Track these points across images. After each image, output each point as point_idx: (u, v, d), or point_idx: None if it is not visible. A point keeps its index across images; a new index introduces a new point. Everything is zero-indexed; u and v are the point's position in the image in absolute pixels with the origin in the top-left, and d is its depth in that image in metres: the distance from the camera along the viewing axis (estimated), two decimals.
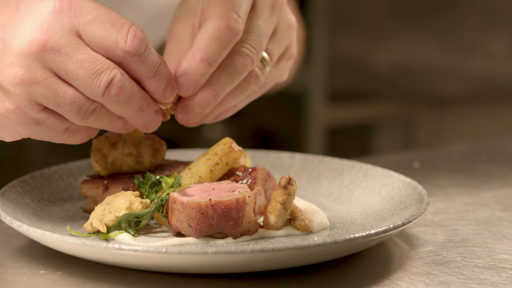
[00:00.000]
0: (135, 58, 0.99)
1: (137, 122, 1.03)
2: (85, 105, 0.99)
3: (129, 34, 0.99)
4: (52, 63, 0.97)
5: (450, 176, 1.40)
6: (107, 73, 0.98)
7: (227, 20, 1.06)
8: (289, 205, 1.03)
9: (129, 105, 1.00)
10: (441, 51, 3.34)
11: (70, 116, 0.99)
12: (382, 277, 0.93)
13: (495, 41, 3.33)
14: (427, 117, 3.47)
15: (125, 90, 0.99)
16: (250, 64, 1.08)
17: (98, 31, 0.98)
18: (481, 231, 1.09)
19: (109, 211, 1.01)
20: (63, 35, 0.97)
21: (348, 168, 1.20)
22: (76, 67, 0.97)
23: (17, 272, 0.93)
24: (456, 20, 3.32)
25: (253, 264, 0.90)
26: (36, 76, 0.97)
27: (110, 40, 0.98)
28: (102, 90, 0.98)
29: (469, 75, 3.35)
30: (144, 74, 1.01)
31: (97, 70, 0.98)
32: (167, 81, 1.03)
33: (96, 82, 0.98)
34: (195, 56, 1.07)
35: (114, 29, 0.99)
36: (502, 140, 1.78)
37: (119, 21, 1.00)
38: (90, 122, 1.00)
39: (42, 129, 1.00)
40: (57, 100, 0.98)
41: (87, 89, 0.98)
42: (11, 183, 1.09)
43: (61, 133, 1.01)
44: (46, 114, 1.00)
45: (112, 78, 0.98)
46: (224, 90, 1.09)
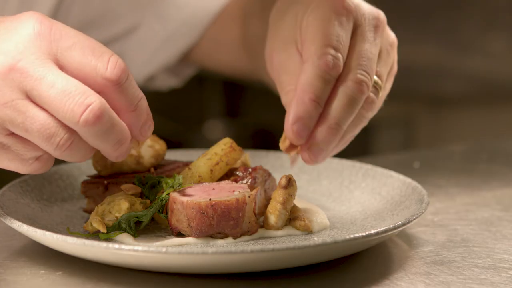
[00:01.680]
0: (115, 88, 0.94)
1: (111, 156, 0.97)
2: (58, 133, 0.92)
3: (109, 62, 0.94)
4: (24, 84, 0.91)
5: (450, 176, 1.40)
6: (83, 96, 0.92)
7: (325, 58, 1.03)
8: (289, 205, 1.03)
9: (107, 137, 0.94)
10: (441, 51, 3.34)
11: (41, 144, 0.93)
12: (382, 277, 0.93)
13: (495, 41, 3.33)
14: (427, 117, 3.47)
15: (104, 120, 0.92)
16: (366, 90, 1.04)
17: (77, 57, 0.93)
18: (481, 231, 1.09)
19: (109, 211, 1.01)
20: (39, 57, 0.92)
21: (348, 168, 1.20)
22: (49, 87, 0.91)
23: (17, 272, 0.93)
24: (456, 20, 3.32)
25: (253, 264, 0.90)
26: (5, 97, 0.91)
27: (90, 67, 0.93)
28: (78, 113, 0.91)
29: (469, 75, 3.35)
30: (124, 107, 0.95)
31: (70, 93, 0.91)
32: (146, 117, 0.98)
33: (70, 105, 0.91)
34: (303, 99, 1.03)
35: (94, 56, 0.94)
36: (502, 140, 1.78)
37: (99, 49, 0.95)
38: (65, 154, 0.94)
39: (7, 155, 0.94)
40: (24, 124, 0.92)
41: (60, 111, 0.91)
42: (11, 183, 1.09)
43: (29, 163, 0.95)
44: (13, 139, 0.94)
45: (90, 103, 0.91)
46: (346, 121, 1.04)
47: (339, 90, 1.04)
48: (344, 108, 1.03)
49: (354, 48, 1.06)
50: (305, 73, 1.03)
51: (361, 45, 1.07)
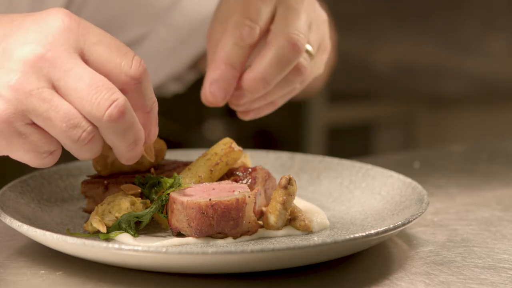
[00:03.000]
0: (136, 87, 0.96)
1: (124, 156, 0.99)
2: (81, 124, 0.94)
3: (134, 61, 0.96)
4: (51, 73, 0.93)
5: (450, 176, 1.40)
6: (109, 92, 0.94)
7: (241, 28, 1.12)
8: (289, 205, 1.03)
9: (126, 135, 0.96)
10: (441, 51, 3.34)
11: (62, 134, 0.94)
12: (382, 277, 0.93)
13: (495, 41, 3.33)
14: (427, 117, 3.47)
15: (126, 117, 0.94)
16: (301, 47, 1.11)
17: (102, 53, 0.95)
18: (481, 231, 1.09)
19: (109, 211, 1.01)
20: (66, 50, 0.94)
21: (348, 168, 1.20)
22: (76, 79, 0.93)
23: (17, 272, 0.93)
24: (456, 20, 3.32)
25: (253, 264, 0.90)
26: (31, 84, 0.93)
27: (114, 63, 0.95)
28: (103, 108, 0.93)
29: (469, 75, 3.36)
30: (141, 107, 0.98)
31: (97, 87, 0.93)
32: (155, 122, 1.01)
33: (97, 99, 0.93)
34: (219, 63, 1.12)
35: (119, 54, 0.96)
36: (502, 140, 1.78)
37: (124, 48, 0.97)
38: (83, 148, 0.95)
39: (24, 145, 0.95)
40: (48, 112, 0.93)
41: (87, 104, 0.93)
42: (11, 183, 1.09)
43: (43, 156, 0.96)
44: (33, 129, 0.94)
45: (115, 99, 0.94)
46: (272, 75, 1.11)
47: (271, 47, 1.11)
48: (272, 63, 1.10)
49: (281, 15, 1.13)
50: (222, 42, 1.12)
51: (289, 12, 1.13)
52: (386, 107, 3.47)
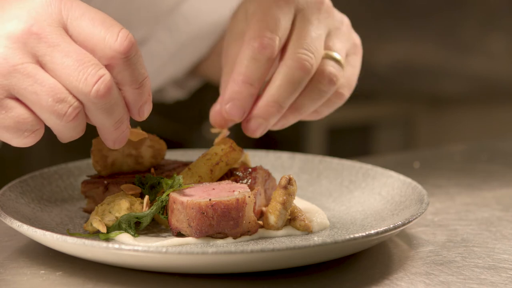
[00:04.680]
0: (123, 61, 0.94)
1: (110, 136, 0.97)
2: (68, 99, 0.92)
3: (120, 34, 0.94)
4: (36, 49, 0.92)
5: (450, 176, 1.40)
6: (95, 68, 0.92)
7: (261, 40, 1.07)
8: (289, 205, 1.03)
9: (112, 113, 0.94)
10: (441, 51, 3.34)
11: (48, 109, 0.92)
12: (382, 277, 0.93)
13: (495, 41, 3.33)
14: (427, 117, 3.47)
15: (112, 94, 0.93)
16: (309, 67, 1.08)
17: (86, 27, 0.93)
18: (481, 231, 1.09)
19: (109, 211, 1.01)
20: (51, 24, 0.92)
21: (348, 168, 1.20)
22: (62, 55, 0.91)
23: (17, 272, 0.93)
24: (456, 20, 3.32)
25: (253, 264, 0.90)
26: (15, 58, 0.91)
27: (98, 37, 0.93)
28: (90, 83, 0.91)
29: (469, 75, 3.35)
30: (129, 82, 0.95)
31: (84, 62, 0.91)
32: (148, 98, 0.98)
33: (84, 75, 0.91)
34: (236, 81, 1.08)
35: (104, 27, 0.94)
36: (502, 140, 1.78)
37: (109, 21, 0.95)
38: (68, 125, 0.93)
39: (4, 121, 0.92)
40: (33, 87, 0.91)
41: (73, 80, 0.91)
42: (11, 183, 1.09)
43: (25, 135, 0.94)
44: (15, 103, 0.93)
45: (102, 75, 0.92)
46: (285, 98, 1.08)
47: (280, 69, 1.09)
48: (282, 86, 1.08)
49: (295, 30, 1.10)
50: (240, 56, 1.09)
51: (303, 26, 1.10)
52: (386, 107, 3.47)
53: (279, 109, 1.08)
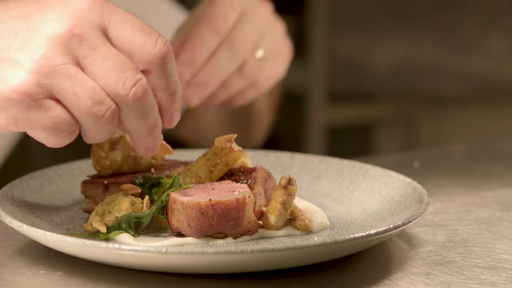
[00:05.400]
0: (159, 67, 0.96)
1: (143, 142, 0.99)
2: (106, 101, 0.94)
3: (158, 40, 0.96)
4: (77, 50, 0.94)
5: (450, 176, 1.40)
6: (133, 72, 0.94)
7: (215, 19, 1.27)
8: (289, 205, 1.03)
9: (147, 117, 0.96)
10: (441, 51, 3.34)
11: (86, 111, 0.93)
12: (382, 277, 0.93)
13: (495, 41, 3.33)
14: (427, 117, 3.47)
15: (148, 98, 0.95)
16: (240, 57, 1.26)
17: (126, 31, 0.96)
18: (481, 231, 1.09)
19: (109, 211, 1.01)
20: (92, 27, 0.95)
21: (348, 168, 1.20)
22: (103, 58, 0.94)
23: (17, 272, 0.93)
24: (456, 20, 3.32)
25: (253, 264, 0.90)
26: (57, 59, 0.93)
27: (138, 42, 0.95)
28: (128, 86, 0.94)
29: (469, 75, 3.36)
30: (163, 88, 0.97)
31: (123, 67, 0.94)
32: (178, 105, 0.99)
33: (122, 78, 0.93)
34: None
35: (144, 33, 0.96)
36: (502, 140, 1.78)
37: (148, 28, 0.97)
38: (105, 128, 0.95)
39: (43, 121, 0.94)
40: (73, 88, 0.93)
41: (112, 83, 0.93)
42: (11, 183, 1.09)
43: (62, 136, 0.95)
44: (54, 104, 0.94)
45: (139, 79, 0.94)
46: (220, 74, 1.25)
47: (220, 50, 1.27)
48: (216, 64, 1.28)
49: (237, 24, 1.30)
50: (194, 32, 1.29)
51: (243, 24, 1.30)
52: (386, 107, 3.47)
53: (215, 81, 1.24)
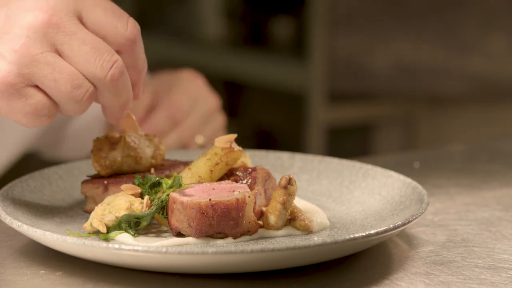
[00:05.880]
0: (130, 48, 1.02)
1: (115, 115, 1.05)
2: (84, 84, 0.99)
3: (128, 23, 1.02)
4: (55, 38, 0.98)
5: (450, 176, 1.40)
6: (109, 54, 0.99)
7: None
8: (289, 205, 1.03)
9: (121, 95, 1.02)
10: (441, 51, 3.34)
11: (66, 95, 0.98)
12: (382, 277, 0.93)
13: (495, 41, 3.33)
14: (427, 117, 3.47)
15: (124, 76, 1.01)
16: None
17: (100, 16, 1.01)
18: (481, 231, 1.09)
19: (109, 211, 1.01)
20: (67, 14, 0.99)
21: (348, 168, 1.20)
22: (80, 43, 0.98)
23: (17, 272, 0.93)
24: (456, 20, 3.32)
25: (253, 264, 0.90)
26: (36, 48, 0.97)
27: (111, 26, 1.01)
28: (106, 68, 0.99)
29: (469, 75, 3.35)
30: (133, 65, 1.03)
31: (100, 49, 0.99)
32: (143, 81, 1.06)
33: (100, 61, 0.99)
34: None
35: (115, 17, 1.01)
36: (502, 140, 1.78)
37: (118, 10, 1.02)
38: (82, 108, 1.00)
39: (24, 107, 0.99)
40: (53, 74, 0.98)
41: (90, 66, 0.98)
42: (11, 183, 1.09)
43: (42, 120, 1.00)
44: (34, 91, 0.99)
45: (115, 60, 1.00)
46: None
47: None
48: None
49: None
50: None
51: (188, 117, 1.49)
52: (386, 107, 3.46)
53: None
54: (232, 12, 3.92)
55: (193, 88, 1.50)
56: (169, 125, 1.43)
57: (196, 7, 4.08)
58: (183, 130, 1.44)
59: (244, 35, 3.85)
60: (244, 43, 3.83)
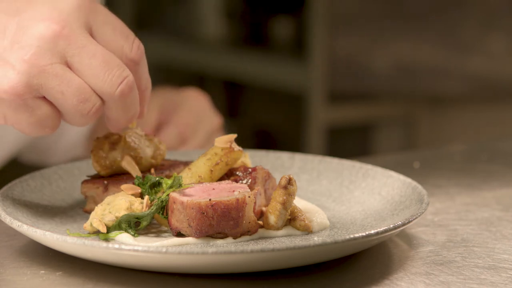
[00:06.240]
0: (134, 68, 1.02)
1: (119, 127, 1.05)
2: (92, 98, 0.98)
3: (133, 44, 1.02)
4: (66, 50, 0.97)
5: (450, 176, 1.40)
6: (120, 69, 0.99)
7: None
8: (289, 205, 1.03)
9: (130, 109, 1.02)
10: (441, 51, 3.34)
11: (72, 108, 0.98)
12: (382, 277, 0.93)
13: (495, 41, 3.33)
14: (427, 117, 3.47)
15: (134, 92, 1.01)
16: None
17: (108, 32, 1.00)
18: (481, 231, 1.09)
19: (109, 211, 1.01)
20: (79, 27, 0.98)
21: (348, 168, 1.20)
22: (90, 56, 0.98)
23: (17, 272, 0.93)
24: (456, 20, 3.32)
25: (253, 264, 0.90)
26: (46, 59, 0.97)
27: (117, 45, 1.00)
28: (116, 84, 0.98)
29: (469, 75, 3.35)
30: (137, 85, 1.03)
31: (110, 64, 0.98)
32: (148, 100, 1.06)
33: (109, 75, 0.98)
34: None
35: (123, 36, 1.01)
36: (502, 140, 1.78)
37: (126, 30, 1.02)
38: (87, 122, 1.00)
39: (30, 118, 0.99)
40: (60, 87, 0.97)
41: (99, 80, 0.98)
42: (11, 183, 1.09)
43: (46, 131, 1.00)
44: (41, 103, 0.99)
45: (126, 76, 0.99)
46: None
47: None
48: None
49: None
50: None
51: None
52: (386, 107, 3.46)
53: None
54: (232, 12, 3.93)
55: (198, 106, 1.52)
56: (178, 141, 1.45)
57: (196, 7, 4.08)
58: (189, 147, 1.46)
59: (244, 35, 3.86)
60: (244, 43, 3.83)
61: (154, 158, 1.10)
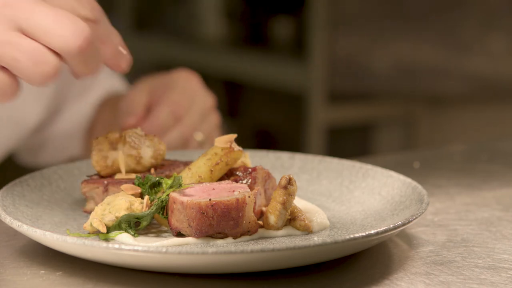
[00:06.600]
0: (95, 27, 1.00)
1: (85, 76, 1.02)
2: (48, 59, 0.96)
3: (87, 3, 1.00)
4: (15, 16, 0.95)
5: (450, 176, 1.40)
6: (75, 23, 0.96)
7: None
8: (289, 205, 1.03)
9: (91, 63, 0.99)
10: (441, 51, 3.34)
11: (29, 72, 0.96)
12: (382, 277, 0.93)
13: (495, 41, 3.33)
14: (427, 117, 3.47)
15: (93, 45, 0.98)
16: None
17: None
18: (481, 231, 1.09)
19: (109, 211, 1.01)
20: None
21: (348, 168, 1.20)
22: (42, 17, 0.95)
23: (17, 272, 0.93)
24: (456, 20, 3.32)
25: (253, 264, 0.90)
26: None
27: (68, 6, 0.98)
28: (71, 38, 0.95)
29: (469, 75, 3.36)
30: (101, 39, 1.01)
31: (64, 20, 0.95)
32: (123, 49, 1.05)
33: (63, 31, 0.95)
34: None
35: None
36: (502, 140, 1.78)
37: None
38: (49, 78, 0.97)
39: None
40: (13, 53, 0.95)
41: (53, 38, 0.95)
42: (11, 183, 1.09)
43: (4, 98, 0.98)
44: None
45: (81, 29, 0.96)
46: None
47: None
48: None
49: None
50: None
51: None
52: (386, 107, 3.47)
53: None
54: (232, 12, 3.93)
55: (190, 86, 1.51)
56: (171, 121, 1.44)
57: (196, 7, 4.08)
58: (184, 126, 1.45)
59: (244, 35, 3.86)
60: (244, 43, 3.84)
61: (154, 158, 1.10)
